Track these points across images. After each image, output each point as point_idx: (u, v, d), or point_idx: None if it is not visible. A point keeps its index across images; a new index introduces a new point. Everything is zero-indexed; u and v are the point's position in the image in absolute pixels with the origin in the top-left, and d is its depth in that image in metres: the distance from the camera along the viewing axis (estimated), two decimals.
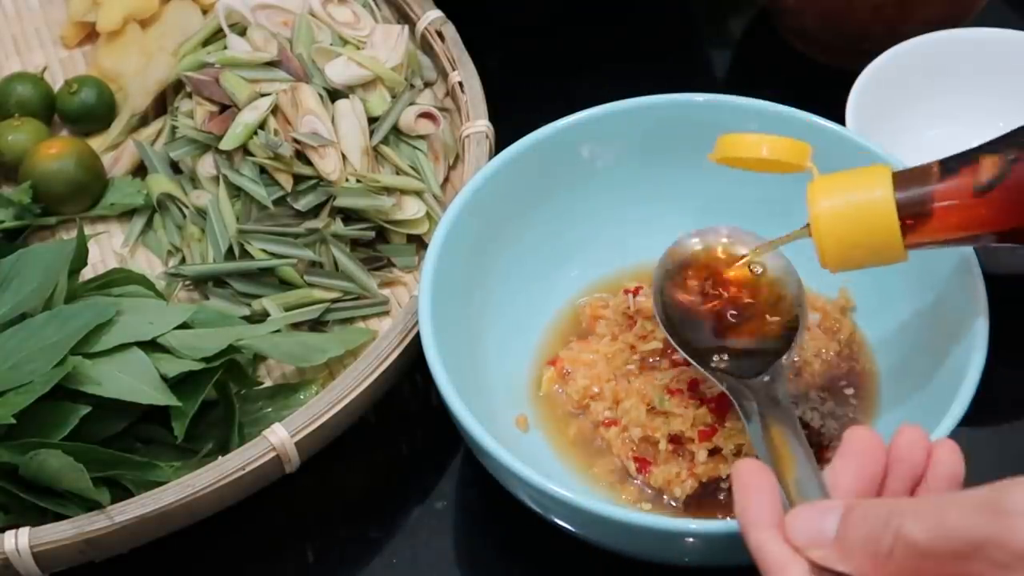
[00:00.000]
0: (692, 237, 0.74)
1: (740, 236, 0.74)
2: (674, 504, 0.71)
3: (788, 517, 0.54)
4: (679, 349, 0.71)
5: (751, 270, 0.73)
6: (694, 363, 0.70)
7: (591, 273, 0.81)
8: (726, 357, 0.70)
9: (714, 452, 0.71)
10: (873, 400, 0.74)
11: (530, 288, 0.79)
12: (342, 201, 0.82)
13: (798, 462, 0.59)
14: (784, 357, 0.69)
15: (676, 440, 0.72)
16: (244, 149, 0.83)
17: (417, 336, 0.72)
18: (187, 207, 0.86)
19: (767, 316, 0.72)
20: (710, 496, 0.71)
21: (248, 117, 0.83)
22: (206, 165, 0.85)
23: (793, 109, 0.78)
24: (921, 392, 0.71)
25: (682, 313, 0.72)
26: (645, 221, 0.81)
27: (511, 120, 0.84)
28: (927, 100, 0.87)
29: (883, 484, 0.56)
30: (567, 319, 0.79)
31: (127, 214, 0.88)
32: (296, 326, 0.80)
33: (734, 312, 0.72)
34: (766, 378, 0.68)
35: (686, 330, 0.71)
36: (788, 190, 0.80)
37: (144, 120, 0.91)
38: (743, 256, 0.73)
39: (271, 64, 0.86)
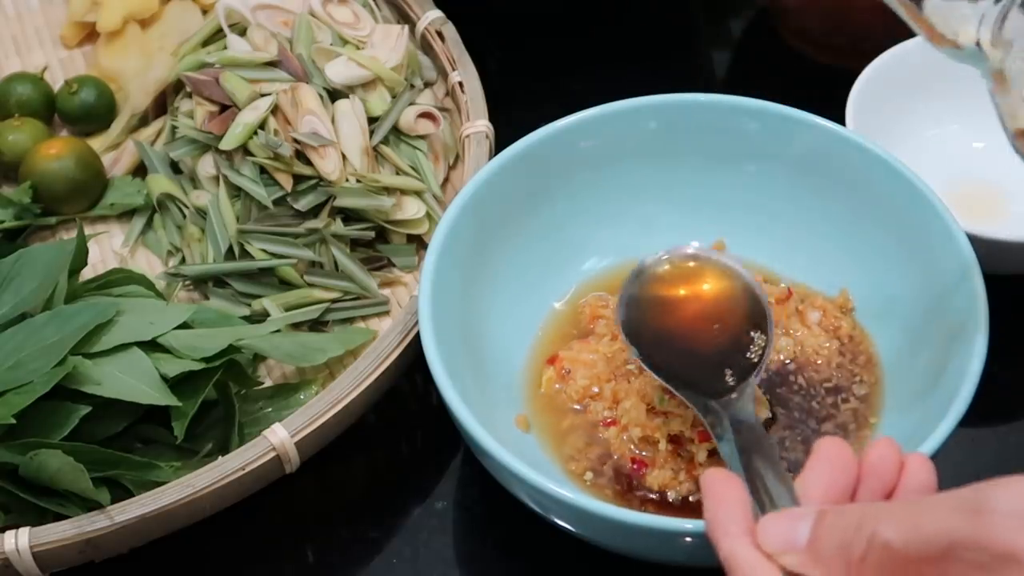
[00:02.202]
0: (659, 256, 0.74)
1: (708, 256, 0.74)
2: (673, 504, 0.71)
3: (760, 524, 0.53)
4: (647, 368, 0.70)
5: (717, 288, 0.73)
6: (662, 381, 0.70)
7: (591, 273, 0.81)
8: (695, 375, 0.69)
9: (714, 453, 0.71)
10: (873, 399, 0.74)
11: (530, 287, 0.79)
12: (342, 201, 0.82)
13: (769, 477, 0.59)
14: (753, 375, 0.69)
15: (676, 440, 0.72)
16: (244, 149, 0.83)
17: (417, 336, 0.72)
18: (187, 207, 0.85)
19: (735, 334, 0.71)
20: None
21: (248, 117, 0.83)
22: (206, 165, 0.85)
23: (793, 109, 0.78)
24: (921, 391, 0.71)
25: (650, 332, 0.72)
26: (645, 221, 0.81)
27: (511, 120, 0.84)
28: (927, 100, 0.87)
29: (854, 496, 0.55)
30: (567, 318, 0.79)
31: (127, 214, 0.88)
32: (296, 326, 0.80)
33: (701, 330, 0.72)
34: (734, 395, 0.68)
35: (655, 349, 0.71)
36: (787, 192, 0.80)
37: (144, 120, 0.91)
38: (711, 275, 0.73)
39: (271, 64, 0.86)
